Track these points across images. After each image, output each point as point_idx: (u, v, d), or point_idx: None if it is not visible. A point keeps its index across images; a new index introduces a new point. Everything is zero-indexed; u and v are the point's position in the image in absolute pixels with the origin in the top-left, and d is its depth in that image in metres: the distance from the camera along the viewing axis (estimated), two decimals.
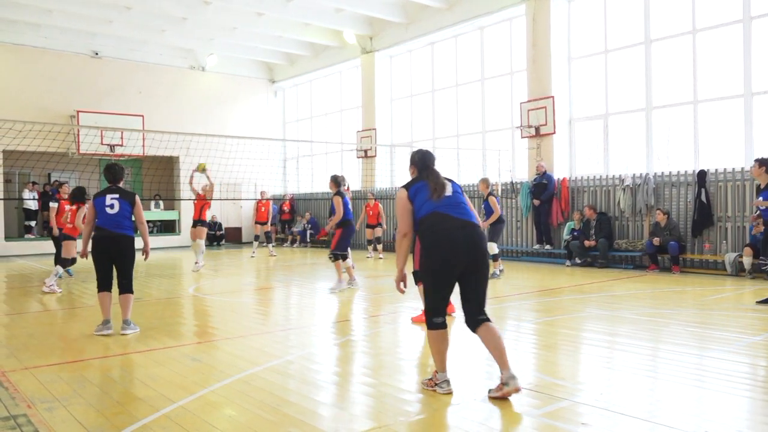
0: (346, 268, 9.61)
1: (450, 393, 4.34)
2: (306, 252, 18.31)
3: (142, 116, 19.40)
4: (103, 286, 6.59)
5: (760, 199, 7.90)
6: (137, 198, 6.67)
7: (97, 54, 19.61)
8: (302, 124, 22.78)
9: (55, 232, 11.37)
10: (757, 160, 8.02)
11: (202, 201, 12.46)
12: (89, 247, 6.70)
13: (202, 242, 12.55)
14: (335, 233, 9.55)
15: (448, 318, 6.37)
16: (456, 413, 3.95)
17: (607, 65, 13.50)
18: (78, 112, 18.55)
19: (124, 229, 6.51)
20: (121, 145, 18.81)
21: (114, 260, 6.53)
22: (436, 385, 4.38)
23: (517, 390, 4.15)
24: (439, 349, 4.34)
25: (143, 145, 18.79)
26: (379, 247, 15.68)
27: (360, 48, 18.69)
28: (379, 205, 15.81)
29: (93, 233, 6.57)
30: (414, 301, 8.73)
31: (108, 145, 18.65)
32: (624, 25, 13.25)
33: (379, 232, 15.77)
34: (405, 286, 4.54)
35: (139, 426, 3.77)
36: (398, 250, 4.45)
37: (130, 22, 17.52)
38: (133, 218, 6.67)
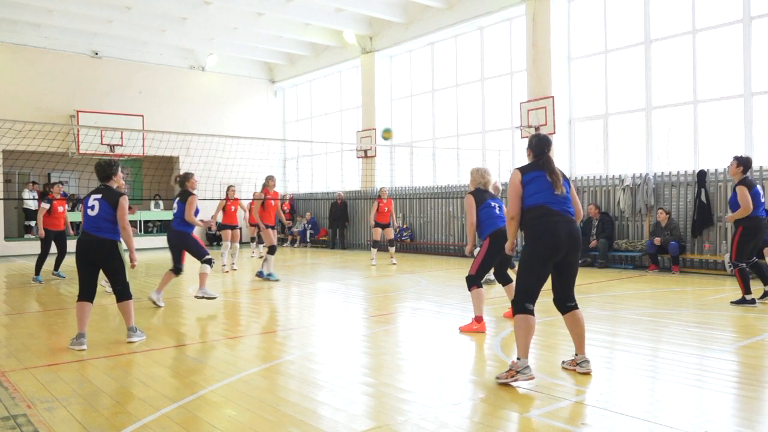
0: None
1: (532, 378, 4.45)
2: (306, 252, 18.31)
3: (142, 116, 19.39)
4: (83, 294, 5.94)
5: (730, 213, 7.92)
6: (122, 199, 6.01)
7: (97, 54, 19.61)
8: (302, 124, 22.78)
9: (41, 233, 11.26)
10: (735, 158, 7.82)
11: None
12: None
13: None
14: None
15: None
16: (456, 413, 3.95)
17: (607, 65, 13.50)
18: (78, 111, 18.55)
19: (104, 232, 5.89)
20: (121, 145, 18.81)
21: (98, 267, 5.98)
22: (518, 372, 4.44)
23: (587, 372, 4.63)
24: (527, 333, 4.50)
25: (143, 145, 18.79)
26: (392, 250, 14.22)
27: (360, 48, 18.69)
28: (392, 202, 14.43)
29: (78, 237, 6.14)
30: (412, 301, 8.73)
31: (108, 145, 18.65)
32: (624, 25, 13.25)
33: (390, 233, 14.17)
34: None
35: (139, 426, 3.77)
36: (510, 232, 4.77)
37: (131, 22, 17.52)
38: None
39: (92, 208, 5.96)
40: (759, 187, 7.78)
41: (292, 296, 9.75)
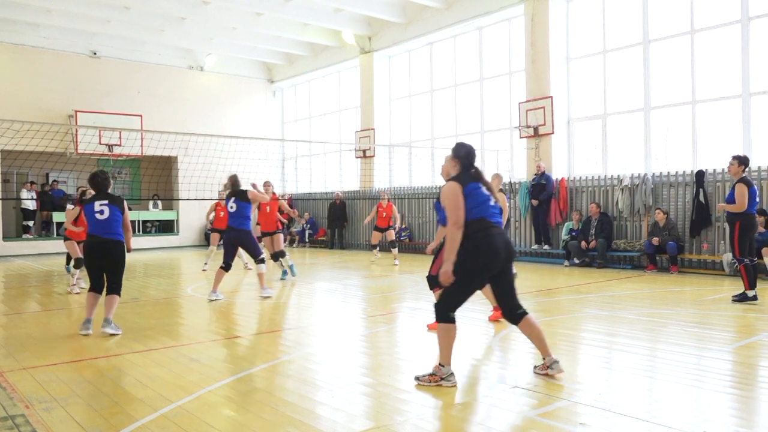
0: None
1: (455, 386, 4.43)
2: (305, 252, 18.31)
3: (141, 116, 19.38)
4: (93, 287, 6.64)
5: (724, 203, 8.06)
6: (125, 204, 6.77)
7: (95, 54, 19.59)
8: (301, 124, 22.77)
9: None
10: (735, 157, 8.02)
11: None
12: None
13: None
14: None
15: (496, 323, 6.43)
16: (455, 413, 3.95)
17: (605, 65, 13.51)
18: (76, 111, 18.53)
19: (113, 234, 6.56)
20: (120, 145, 18.80)
21: (104, 265, 6.57)
22: (442, 379, 4.46)
23: (561, 371, 4.61)
24: (448, 342, 4.52)
25: (142, 145, 18.78)
26: (395, 251, 14.10)
27: (359, 48, 18.69)
28: (393, 206, 14.43)
29: (85, 239, 6.74)
30: (411, 301, 8.73)
31: (106, 144, 18.63)
32: (622, 26, 13.26)
33: (391, 235, 14.18)
34: None
35: (138, 426, 3.77)
36: (453, 243, 4.46)
37: (129, 22, 17.51)
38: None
39: (101, 212, 6.52)
40: (755, 187, 7.94)
41: (291, 296, 9.74)
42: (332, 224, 19.28)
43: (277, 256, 10.89)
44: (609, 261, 12.48)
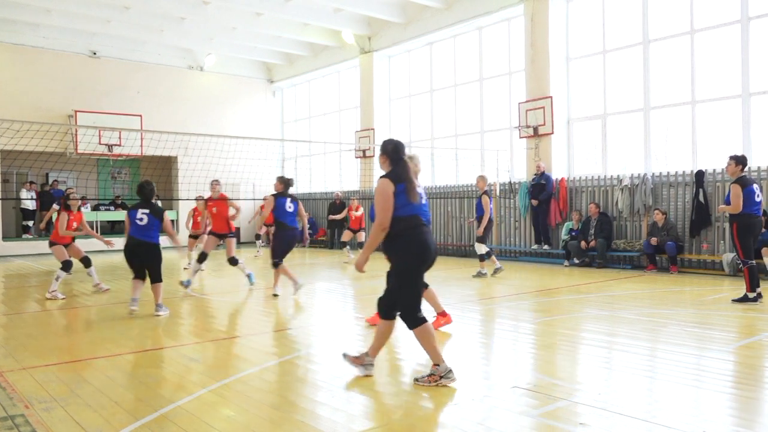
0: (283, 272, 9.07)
1: (455, 380, 4.45)
2: (304, 252, 18.30)
3: (141, 116, 19.37)
4: (137, 276, 7.85)
5: (723, 205, 8.05)
6: (166, 214, 7.88)
7: (95, 54, 19.59)
8: (300, 124, 22.77)
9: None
10: (733, 158, 8.01)
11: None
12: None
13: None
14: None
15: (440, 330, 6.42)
16: (454, 413, 3.95)
17: (605, 65, 13.51)
18: (76, 111, 18.53)
19: (150, 238, 7.68)
20: (120, 145, 18.80)
21: (143, 262, 7.74)
22: (441, 377, 4.44)
23: (369, 376, 4.65)
24: (431, 341, 4.50)
25: (141, 145, 18.77)
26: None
27: (358, 48, 18.69)
28: (361, 208, 15.09)
29: (126, 241, 7.73)
30: None
31: (106, 144, 18.63)
32: (622, 26, 13.26)
33: (362, 237, 14.77)
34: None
35: (138, 426, 3.76)
36: (374, 241, 4.51)
37: (129, 22, 17.51)
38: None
39: (141, 220, 7.63)
40: (755, 186, 7.89)
41: (291, 296, 9.74)
42: (332, 224, 19.28)
43: (231, 262, 10.17)
44: (609, 261, 12.48)
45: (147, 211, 7.66)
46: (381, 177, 4.58)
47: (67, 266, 9.52)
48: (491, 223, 11.12)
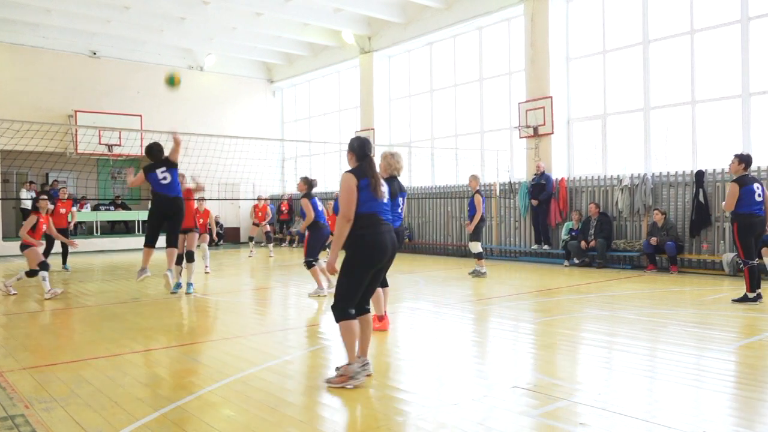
0: (322, 271, 9.16)
1: (370, 375, 4.54)
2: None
3: (141, 116, 19.38)
4: (149, 243, 8.35)
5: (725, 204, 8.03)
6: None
7: (95, 54, 19.59)
8: (300, 124, 22.78)
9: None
10: (736, 156, 7.99)
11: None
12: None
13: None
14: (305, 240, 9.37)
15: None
16: (454, 413, 3.95)
17: (605, 65, 13.51)
18: (76, 111, 18.53)
19: (178, 192, 8.36)
20: (120, 145, 18.80)
21: (172, 219, 8.34)
22: (350, 378, 4.45)
23: (369, 375, 4.64)
24: (351, 339, 4.52)
25: (141, 145, 18.75)
26: (271, 246, 16.16)
27: (358, 48, 18.69)
28: (268, 207, 16.05)
29: (154, 199, 8.28)
30: (410, 301, 8.74)
31: (106, 144, 18.64)
32: (622, 26, 13.26)
33: (266, 228, 16.12)
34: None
35: (138, 426, 3.76)
36: (342, 236, 4.50)
37: (129, 22, 17.51)
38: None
39: (165, 179, 8.18)
40: (757, 185, 7.84)
41: (291, 296, 9.75)
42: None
43: (188, 257, 9.71)
44: (609, 261, 12.48)
45: (164, 168, 8.23)
46: (345, 172, 4.65)
47: (44, 266, 9.49)
48: (483, 221, 11.13)
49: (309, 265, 8.97)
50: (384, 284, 6.58)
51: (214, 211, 21.36)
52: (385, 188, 4.65)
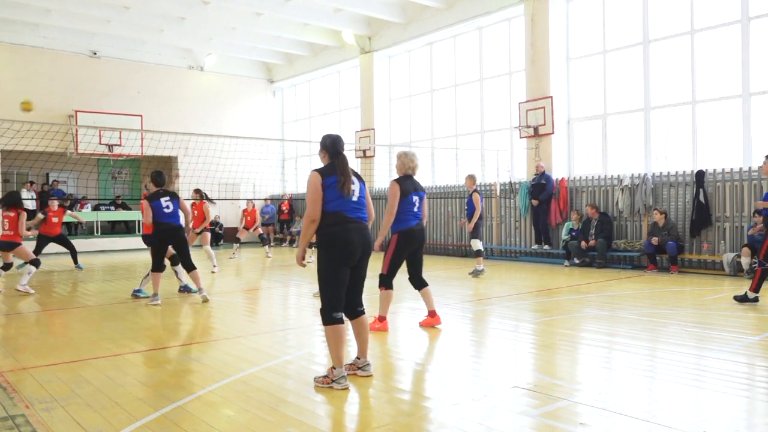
0: None
1: (347, 389, 4.42)
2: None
3: (141, 116, 19.39)
4: (156, 268, 8.49)
5: (761, 201, 7.95)
6: (181, 197, 8.66)
7: (95, 54, 19.60)
8: (301, 124, 22.78)
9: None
10: None
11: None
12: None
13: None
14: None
15: (433, 330, 6.42)
16: (454, 413, 3.95)
17: (605, 65, 13.51)
18: (76, 111, 18.54)
19: (179, 222, 8.48)
20: (120, 145, 18.81)
21: (176, 246, 8.57)
22: (333, 381, 4.45)
23: (370, 375, 4.68)
24: (337, 344, 4.47)
25: (142, 145, 18.78)
26: (266, 247, 16.15)
27: (359, 48, 18.69)
28: (257, 211, 15.96)
29: (156, 228, 8.30)
30: (411, 301, 8.75)
31: (106, 144, 18.65)
32: (622, 26, 13.26)
33: (258, 232, 15.96)
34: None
35: (138, 426, 3.76)
36: (307, 234, 4.57)
37: (129, 22, 17.52)
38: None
39: (168, 207, 8.32)
40: None
41: (291, 296, 9.75)
42: None
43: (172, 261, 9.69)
44: (609, 261, 12.48)
45: (168, 198, 8.38)
46: (312, 170, 4.64)
47: (36, 263, 10.11)
48: (481, 219, 11.15)
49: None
50: (423, 284, 6.67)
51: (215, 211, 21.47)
52: (355, 186, 4.63)
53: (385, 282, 6.42)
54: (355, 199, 4.60)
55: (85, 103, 18.96)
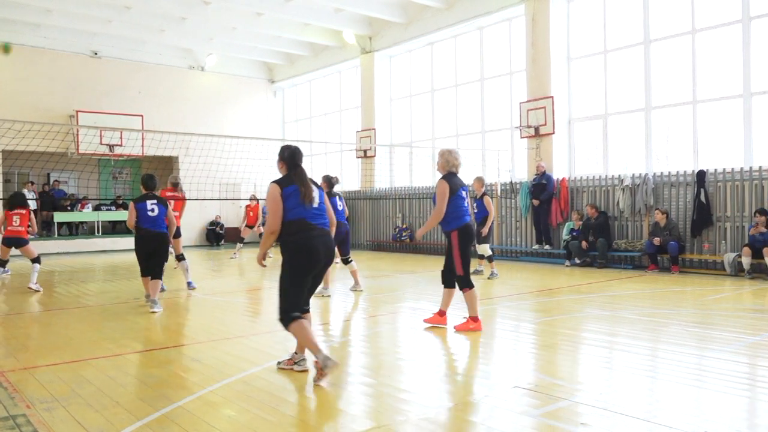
0: (351, 271, 9.61)
1: (306, 370, 4.73)
2: None
3: (142, 116, 19.40)
4: (144, 272, 7.98)
5: None
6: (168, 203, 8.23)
7: (96, 54, 19.60)
8: (301, 124, 22.78)
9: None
10: None
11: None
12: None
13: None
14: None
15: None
16: (455, 413, 3.95)
17: (606, 65, 13.50)
18: (77, 111, 18.55)
19: (163, 228, 7.95)
20: (121, 145, 18.82)
21: (155, 254, 7.86)
22: (295, 363, 4.78)
23: (305, 370, 4.83)
24: (306, 335, 4.60)
25: (143, 145, 18.78)
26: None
27: (359, 48, 18.69)
28: (260, 206, 15.79)
29: (137, 233, 7.86)
30: (412, 301, 8.74)
31: (107, 144, 18.65)
32: (623, 25, 13.25)
33: (260, 230, 15.81)
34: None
35: (139, 426, 3.77)
36: (265, 244, 4.81)
37: (130, 22, 17.52)
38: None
39: (152, 210, 7.84)
40: None
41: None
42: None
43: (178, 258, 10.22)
44: (610, 261, 12.48)
45: (155, 201, 7.92)
46: (271, 182, 4.74)
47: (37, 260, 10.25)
48: (484, 221, 11.10)
49: (346, 262, 9.38)
50: (452, 284, 6.65)
51: (215, 211, 21.49)
52: (316, 194, 4.70)
53: (466, 283, 6.37)
54: (315, 205, 4.68)
55: (86, 103, 18.96)
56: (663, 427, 3.61)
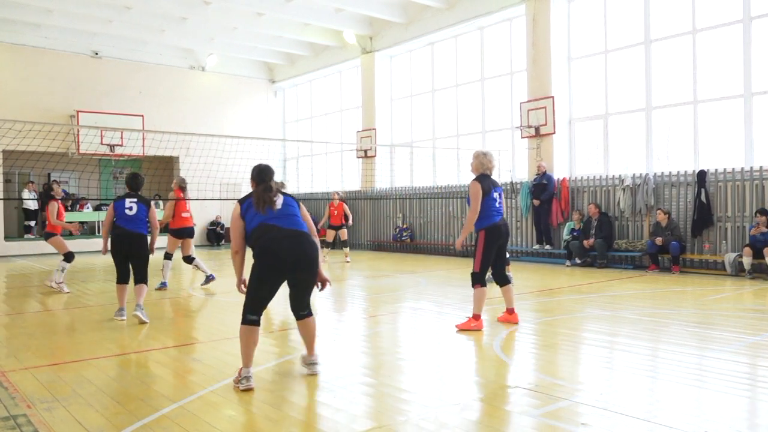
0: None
1: (251, 389, 4.44)
2: None
3: (142, 116, 19.40)
4: (121, 279, 7.34)
5: None
6: (152, 203, 7.55)
7: (97, 54, 19.61)
8: (302, 124, 22.78)
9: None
10: None
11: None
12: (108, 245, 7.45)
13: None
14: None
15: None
16: (455, 413, 3.95)
17: (607, 65, 13.50)
18: (78, 112, 18.55)
19: (140, 229, 7.23)
20: (121, 145, 18.82)
21: (130, 257, 7.20)
22: (239, 381, 4.51)
23: (315, 374, 4.80)
24: (248, 343, 4.60)
25: (143, 145, 18.79)
26: (346, 250, 15.05)
27: (360, 48, 18.69)
28: (345, 205, 15.08)
29: (113, 232, 7.26)
30: (412, 301, 8.74)
31: (108, 145, 18.65)
32: (624, 25, 13.25)
33: (344, 234, 14.98)
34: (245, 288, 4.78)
35: (139, 426, 3.77)
36: (235, 266, 4.81)
37: (130, 22, 17.52)
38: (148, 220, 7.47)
39: (130, 209, 7.23)
40: None
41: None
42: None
43: (186, 260, 10.36)
44: (610, 261, 12.47)
45: (135, 200, 7.31)
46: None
47: (70, 257, 10.03)
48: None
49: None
50: (506, 281, 6.79)
51: (215, 211, 21.50)
52: (278, 199, 4.69)
53: (480, 280, 6.46)
54: (275, 209, 4.65)
55: (87, 103, 18.97)
56: (663, 427, 3.61)
